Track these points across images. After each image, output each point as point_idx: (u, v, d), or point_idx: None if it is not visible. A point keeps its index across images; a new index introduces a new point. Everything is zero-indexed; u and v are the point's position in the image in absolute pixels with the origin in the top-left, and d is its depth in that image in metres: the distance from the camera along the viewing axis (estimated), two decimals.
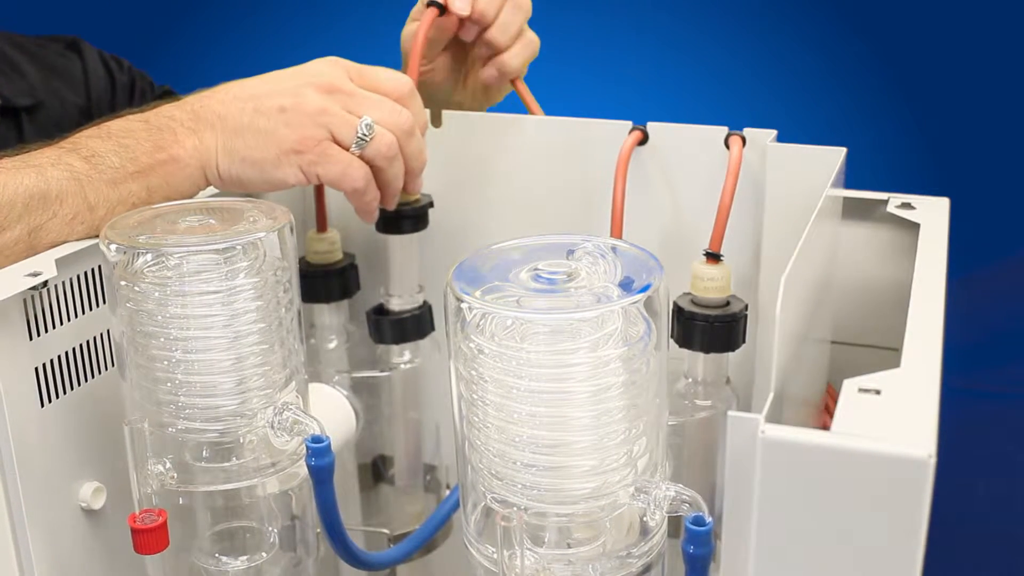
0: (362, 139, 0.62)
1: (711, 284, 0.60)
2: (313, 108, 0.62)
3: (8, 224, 0.56)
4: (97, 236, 0.57)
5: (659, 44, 1.38)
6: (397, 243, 0.72)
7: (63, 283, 0.56)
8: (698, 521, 0.43)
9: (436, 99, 0.78)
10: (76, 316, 0.57)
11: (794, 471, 0.36)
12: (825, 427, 0.36)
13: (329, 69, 0.64)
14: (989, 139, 1.25)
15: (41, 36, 1.00)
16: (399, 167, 0.65)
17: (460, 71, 0.80)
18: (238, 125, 0.62)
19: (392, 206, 0.68)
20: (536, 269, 0.46)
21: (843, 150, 0.62)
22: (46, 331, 0.55)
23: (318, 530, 0.59)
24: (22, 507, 0.53)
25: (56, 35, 1.01)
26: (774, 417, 0.38)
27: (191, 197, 0.63)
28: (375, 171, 0.64)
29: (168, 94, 1.03)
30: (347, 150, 0.62)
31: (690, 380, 0.62)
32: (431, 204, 0.73)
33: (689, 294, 0.61)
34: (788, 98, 1.32)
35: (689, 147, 0.66)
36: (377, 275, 0.74)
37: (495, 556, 0.45)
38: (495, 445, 0.45)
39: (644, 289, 0.44)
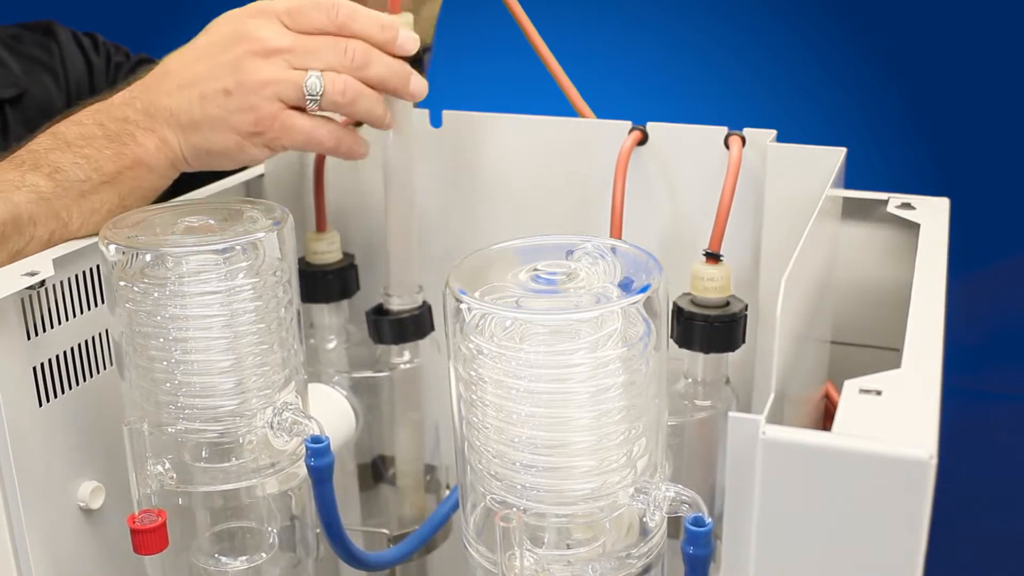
0: (313, 97, 0.60)
1: (711, 284, 0.60)
2: (257, 81, 0.59)
3: None
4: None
5: (659, 44, 1.38)
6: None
7: (61, 283, 0.56)
8: (698, 522, 0.43)
9: None
10: (74, 316, 0.57)
11: (795, 472, 0.36)
12: (825, 428, 0.36)
13: (261, 26, 0.60)
14: (989, 139, 1.24)
15: (14, 25, 1.00)
16: (365, 99, 0.62)
17: None
18: (191, 120, 0.60)
19: (388, 127, 0.66)
20: (535, 270, 0.46)
21: (843, 150, 0.62)
22: (44, 331, 0.55)
23: (318, 530, 0.58)
24: (20, 507, 0.53)
25: (29, 22, 1.01)
26: (775, 418, 0.38)
27: (162, 191, 0.63)
28: (346, 115, 0.63)
29: (145, 62, 1.03)
30: (305, 111, 0.61)
31: (690, 380, 0.62)
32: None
33: (689, 294, 0.61)
34: (788, 98, 1.32)
35: (689, 147, 0.66)
36: (377, 275, 0.74)
37: (494, 557, 0.45)
38: (494, 446, 0.45)
39: (644, 289, 0.44)
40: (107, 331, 0.59)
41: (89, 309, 0.58)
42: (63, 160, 0.59)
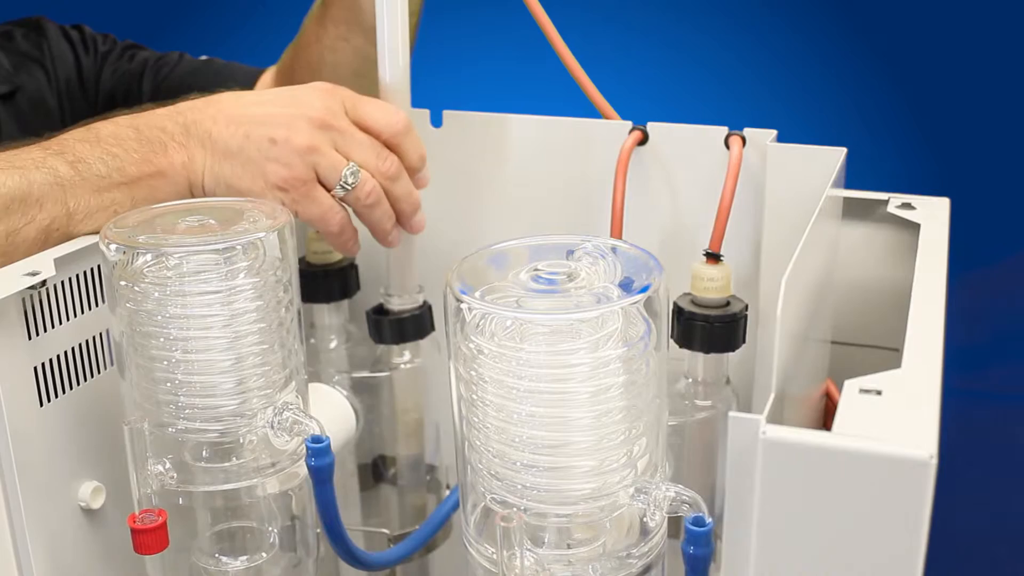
0: (344, 185, 0.63)
1: (711, 284, 0.60)
2: (303, 145, 0.61)
3: None
4: (68, 241, 0.57)
5: (659, 44, 1.38)
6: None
7: (62, 283, 0.56)
8: (698, 522, 0.43)
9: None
10: (75, 316, 0.57)
11: (795, 472, 0.36)
12: (825, 427, 0.36)
13: (324, 100, 0.63)
14: (989, 139, 1.24)
15: (4, 22, 1.00)
16: (383, 211, 0.65)
17: None
18: (227, 150, 0.61)
19: (390, 245, 0.68)
20: (536, 269, 0.46)
21: (843, 150, 0.62)
22: (45, 331, 0.55)
23: (318, 530, 0.59)
24: (21, 507, 0.53)
25: (18, 19, 1.01)
26: (775, 418, 0.38)
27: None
28: (359, 214, 0.65)
29: (132, 48, 1.03)
30: (330, 191, 0.63)
31: (690, 380, 0.62)
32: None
33: (689, 294, 0.61)
34: (788, 98, 1.32)
35: (689, 147, 0.66)
36: (377, 275, 0.74)
37: (495, 556, 0.45)
38: (495, 445, 0.45)
39: (644, 289, 0.44)
40: (108, 331, 0.59)
41: (90, 309, 0.58)
42: (89, 153, 0.60)
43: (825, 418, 0.66)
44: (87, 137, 0.61)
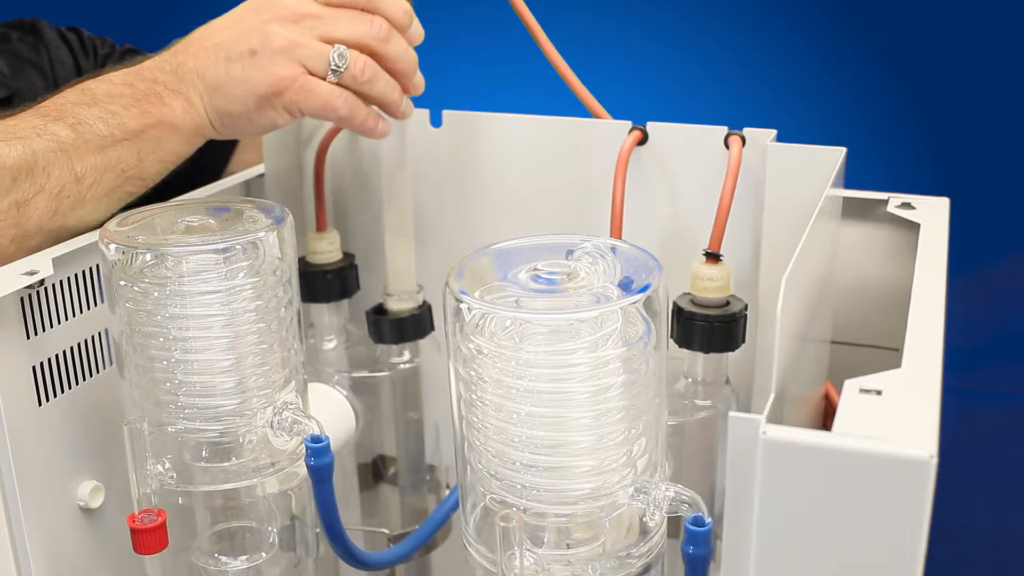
0: (335, 69, 0.62)
1: (711, 284, 0.60)
2: (281, 45, 0.61)
3: None
4: (82, 208, 0.57)
5: (659, 44, 1.38)
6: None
7: (60, 282, 0.56)
8: (698, 522, 0.43)
9: None
10: (74, 315, 0.57)
11: (795, 472, 0.36)
12: (825, 428, 0.36)
13: None
14: (989, 139, 1.24)
15: (0, 24, 1.00)
16: (384, 84, 0.64)
17: None
18: (215, 81, 0.62)
19: (402, 116, 0.67)
20: (535, 269, 0.46)
21: (843, 150, 0.62)
22: (43, 330, 0.55)
23: (318, 530, 0.58)
24: (20, 506, 0.53)
25: (14, 21, 1.01)
26: (775, 418, 0.38)
27: (184, 157, 0.63)
28: (362, 96, 0.64)
29: (131, 52, 1.03)
30: (324, 79, 0.62)
31: (690, 380, 0.62)
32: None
33: (689, 294, 0.61)
34: (788, 98, 1.32)
35: (689, 147, 0.66)
36: (377, 275, 0.74)
37: (494, 556, 0.45)
38: (494, 445, 0.45)
39: (643, 289, 0.44)
40: (107, 331, 0.59)
41: (89, 309, 0.58)
42: (88, 114, 0.60)
43: (825, 419, 0.66)
44: (83, 99, 0.61)
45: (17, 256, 0.58)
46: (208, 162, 0.94)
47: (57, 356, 0.56)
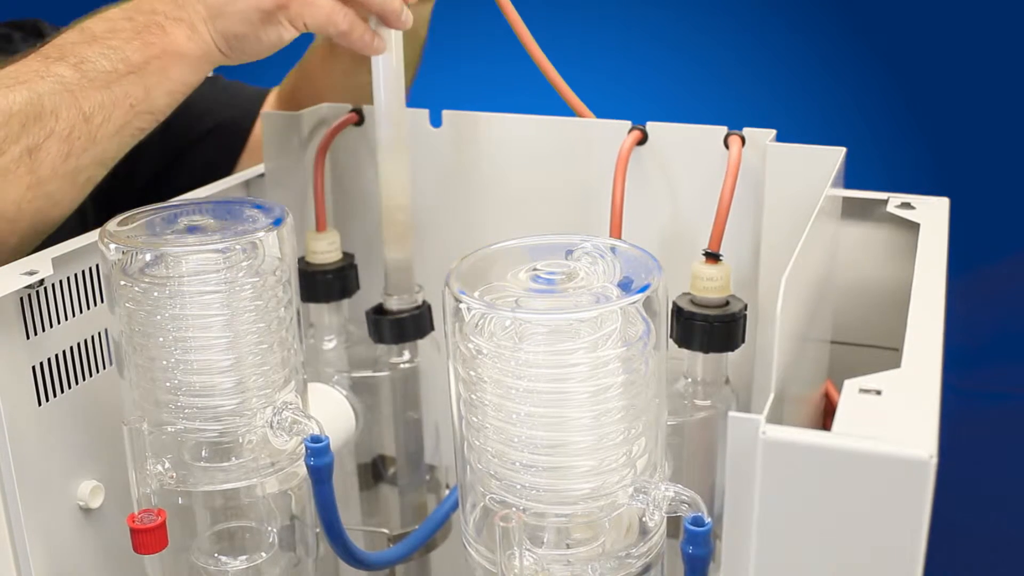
0: None
1: (710, 284, 0.60)
2: None
3: (6, 146, 0.55)
4: (95, 147, 0.56)
5: (659, 44, 1.38)
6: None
7: (60, 282, 0.56)
8: (697, 521, 0.43)
9: None
10: (74, 315, 0.57)
11: (795, 472, 0.36)
12: (825, 427, 0.36)
13: None
14: (989, 139, 1.24)
15: (2, 24, 1.00)
16: None
17: None
18: (217, 2, 0.61)
19: (403, 26, 0.67)
20: (535, 269, 0.46)
21: (843, 150, 0.62)
22: (43, 330, 0.55)
23: (318, 530, 0.58)
24: (19, 506, 0.53)
25: (15, 21, 1.01)
26: (775, 418, 0.38)
27: (194, 87, 0.63)
28: (366, 5, 0.64)
29: None
30: None
31: (689, 380, 0.62)
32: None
33: (688, 294, 0.61)
34: (788, 98, 1.32)
35: (688, 147, 0.66)
36: (377, 275, 0.74)
37: (494, 556, 0.45)
38: (494, 445, 0.45)
39: (643, 289, 0.44)
40: (106, 330, 0.59)
41: (88, 308, 0.58)
42: (90, 52, 0.59)
43: (824, 419, 0.66)
44: (83, 38, 0.60)
45: (35, 204, 0.57)
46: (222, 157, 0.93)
47: (57, 356, 0.56)
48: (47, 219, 0.61)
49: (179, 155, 0.98)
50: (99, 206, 0.98)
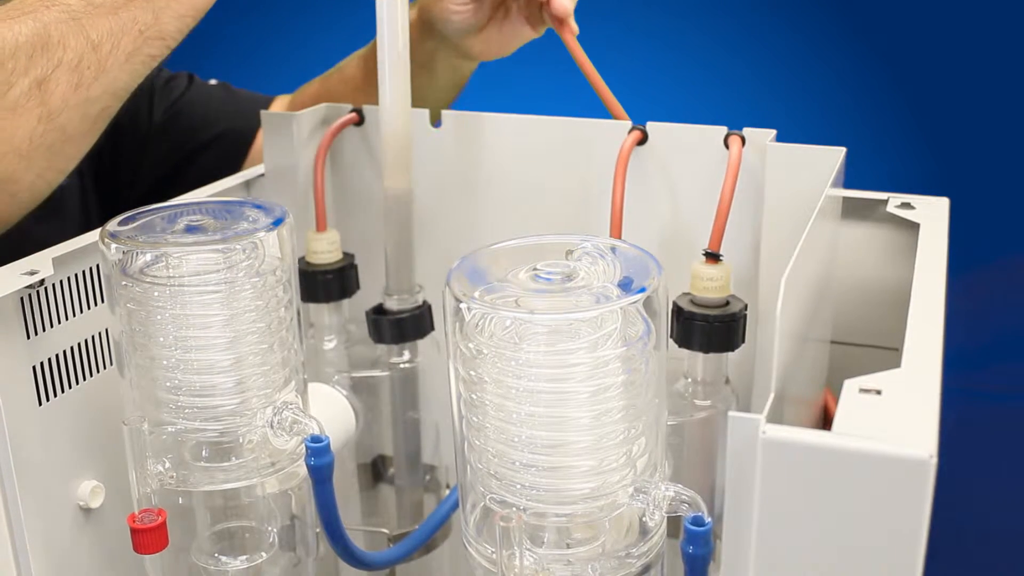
0: None
1: (710, 284, 0.60)
2: None
3: (14, 79, 0.53)
4: (105, 76, 0.55)
5: (659, 44, 1.38)
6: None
7: (60, 282, 0.56)
8: (697, 521, 0.43)
9: (445, 34, 0.76)
10: (74, 315, 0.57)
11: (795, 471, 0.36)
12: (825, 427, 0.36)
13: None
14: (989, 139, 1.24)
15: None
16: None
17: (486, 16, 0.78)
18: None
19: None
20: (535, 269, 0.46)
21: (843, 150, 0.62)
22: (44, 330, 0.55)
23: (318, 530, 0.58)
24: (19, 506, 0.53)
25: None
26: (775, 417, 0.38)
27: (204, 11, 0.61)
28: None
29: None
30: None
31: (689, 380, 0.62)
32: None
33: (688, 294, 0.61)
34: (788, 98, 1.32)
35: (688, 147, 0.66)
36: (377, 275, 0.74)
37: (494, 556, 0.45)
38: (494, 445, 0.45)
39: (643, 289, 0.44)
40: (107, 330, 0.59)
41: (89, 308, 0.58)
42: None
43: (824, 422, 0.66)
44: None
45: (48, 137, 0.55)
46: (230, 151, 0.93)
47: (57, 356, 0.56)
48: (62, 154, 0.59)
49: (181, 163, 0.98)
50: (102, 210, 0.98)
